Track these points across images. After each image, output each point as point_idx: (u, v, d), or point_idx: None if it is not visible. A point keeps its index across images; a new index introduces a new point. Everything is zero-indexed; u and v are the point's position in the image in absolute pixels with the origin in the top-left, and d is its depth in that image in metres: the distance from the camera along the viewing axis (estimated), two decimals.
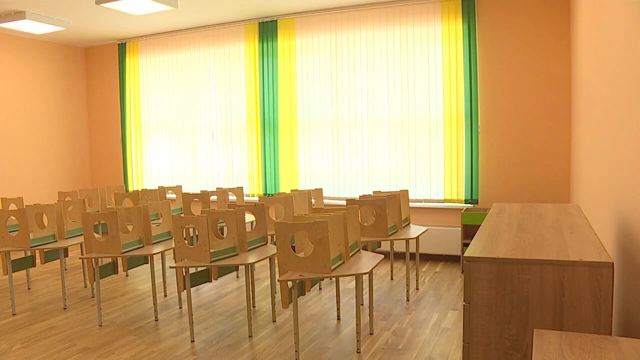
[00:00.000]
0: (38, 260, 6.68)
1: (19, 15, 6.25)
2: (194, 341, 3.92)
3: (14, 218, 5.40)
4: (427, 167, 6.13)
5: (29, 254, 6.30)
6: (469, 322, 2.05)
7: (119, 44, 8.13)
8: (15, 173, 7.53)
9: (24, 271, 6.18)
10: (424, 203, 6.18)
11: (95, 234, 4.54)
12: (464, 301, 2.05)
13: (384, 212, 4.44)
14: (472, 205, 5.96)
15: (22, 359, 3.72)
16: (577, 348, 1.52)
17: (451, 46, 5.90)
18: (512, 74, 5.69)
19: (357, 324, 3.59)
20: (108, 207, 5.78)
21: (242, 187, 5.95)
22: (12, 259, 5.90)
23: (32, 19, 6.28)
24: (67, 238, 4.88)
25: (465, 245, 5.67)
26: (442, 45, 5.94)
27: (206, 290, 5.22)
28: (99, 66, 8.47)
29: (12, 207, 7.67)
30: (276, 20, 6.80)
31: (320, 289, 5.14)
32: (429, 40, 6.01)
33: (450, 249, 6.02)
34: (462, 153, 5.94)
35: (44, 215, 6.70)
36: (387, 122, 6.28)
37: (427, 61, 6.04)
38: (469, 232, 5.85)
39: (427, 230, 5.27)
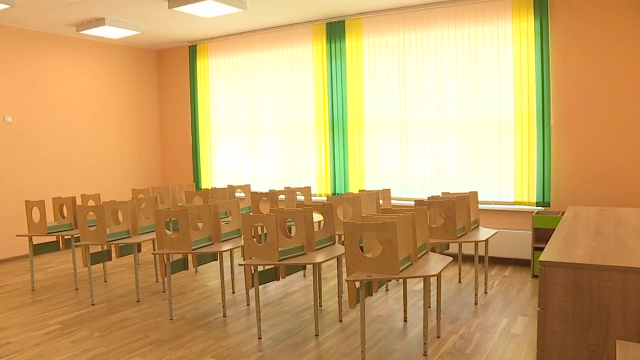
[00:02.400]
0: (113, 255, 6.96)
1: (99, 22, 6.55)
2: (261, 338, 3.98)
3: (92, 214, 5.65)
4: (497, 168, 5.98)
5: (105, 248, 6.58)
6: (543, 329, 1.99)
7: (189, 46, 8.36)
8: (93, 170, 7.88)
9: (101, 264, 6.46)
10: (494, 205, 6.03)
11: (167, 231, 4.68)
12: (538, 307, 1.99)
13: (452, 213, 4.37)
14: (543, 208, 5.77)
15: (101, 346, 3.89)
16: None
17: (522, 44, 5.74)
18: (588, 72, 5.47)
19: (424, 327, 3.55)
20: (179, 204, 5.95)
21: (309, 187, 5.99)
22: (90, 252, 6.17)
23: (110, 24, 6.56)
24: (140, 234, 5.06)
25: (536, 249, 5.50)
26: (513, 44, 5.79)
27: (273, 288, 5.30)
28: (170, 68, 8.74)
29: (91, 203, 8.02)
30: (344, 21, 6.81)
31: (387, 290, 5.11)
32: (499, 38, 5.87)
33: (520, 253, 5.86)
34: (534, 154, 5.77)
35: (119, 211, 6.96)
36: (456, 122, 6.17)
37: (497, 60, 5.89)
38: (540, 235, 5.67)
39: (496, 233, 5.15)
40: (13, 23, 6.69)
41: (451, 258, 3.76)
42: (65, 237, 5.60)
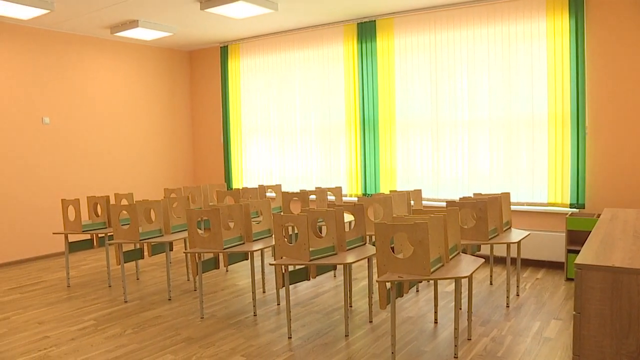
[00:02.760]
0: (146, 253, 7.06)
1: (133, 24, 6.66)
2: (291, 337, 4.00)
3: (125, 212, 5.74)
4: (530, 169, 5.89)
5: (138, 246, 6.68)
6: (579, 334, 1.95)
7: (221, 47, 8.43)
8: (126, 170, 8.01)
9: (134, 262, 6.56)
10: (526, 206, 5.95)
11: (198, 230, 4.73)
12: (574, 310, 1.95)
13: (484, 214, 4.32)
14: (577, 210, 5.67)
15: (134, 342, 3.95)
16: None
17: (556, 43, 5.64)
18: (625, 71, 5.35)
19: (455, 329, 3.52)
20: (210, 204, 6.00)
21: (340, 187, 5.99)
22: (123, 250, 6.27)
23: (144, 26, 6.66)
24: (172, 233, 5.12)
25: (570, 251, 5.40)
26: (547, 43, 5.69)
27: (304, 288, 5.31)
28: (202, 68, 8.82)
29: (124, 202, 8.15)
30: (375, 21, 6.79)
31: (417, 291, 5.08)
32: (532, 37, 5.78)
33: (554, 255, 5.76)
34: (568, 155, 5.66)
35: (152, 210, 7.07)
36: (488, 122, 6.10)
37: (531, 59, 5.80)
38: (574, 238, 5.57)
39: (529, 234, 5.07)
40: (51, 27, 6.84)
41: (483, 260, 3.72)
42: (99, 235, 5.70)
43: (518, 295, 4.90)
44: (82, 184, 7.45)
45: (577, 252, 5.38)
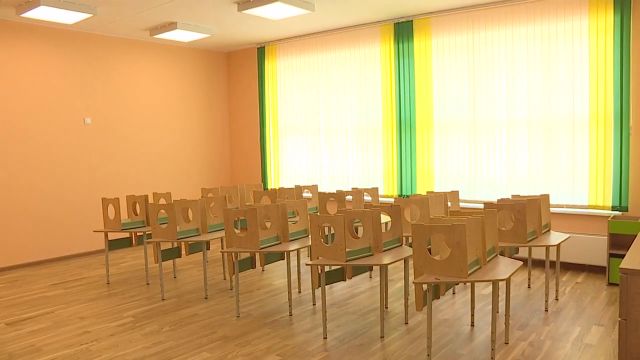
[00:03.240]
0: (183, 252, 7.16)
1: (171, 26, 6.76)
2: (326, 338, 4.00)
3: (163, 212, 5.83)
4: (570, 170, 5.77)
5: (175, 245, 6.77)
6: (625, 341, 1.90)
7: (258, 48, 8.50)
8: (164, 170, 8.14)
9: (171, 261, 6.66)
10: (566, 209, 5.82)
11: (235, 230, 4.77)
12: (619, 317, 1.90)
13: (523, 217, 4.25)
14: (620, 213, 5.52)
15: (171, 340, 4.01)
16: None
17: (599, 41, 5.50)
18: None
19: (492, 332, 3.47)
20: (247, 204, 6.05)
21: (377, 188, 5.97)
22: (161, 249, 6.37)
23: (182, 28, 6.76)
24: (209, 232, 5.18)
25: (613, 255, 5.26)
26: (589, 41, 5.56)
27: (339, 288, 5.31)
28: (239, 69, 8.90)
29: (162, 201, 8.29)
30: (412, 21, 6.74)
31: (454, 293, 5.02)
32: (573, 35, 5.65)
33: (595, 259, 5.63)
34: (610, 156, 5.52)
35: (189, 210, 7.14)
36: (527, 123, 6.00)
37: (572, 58, 5.68)
38: (616, 241, 5.43)
39: (569, 237, 4.96)
40: (92, 30, 7.00)
41: (521, 262, 3.66)
42: (138, 234, 5.80)
43: (557, 299, 4.80)
44: (122, 183, 7.60)
45: (620, 256, 5.25)
